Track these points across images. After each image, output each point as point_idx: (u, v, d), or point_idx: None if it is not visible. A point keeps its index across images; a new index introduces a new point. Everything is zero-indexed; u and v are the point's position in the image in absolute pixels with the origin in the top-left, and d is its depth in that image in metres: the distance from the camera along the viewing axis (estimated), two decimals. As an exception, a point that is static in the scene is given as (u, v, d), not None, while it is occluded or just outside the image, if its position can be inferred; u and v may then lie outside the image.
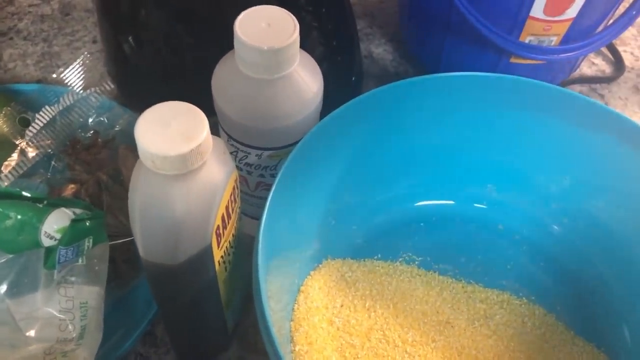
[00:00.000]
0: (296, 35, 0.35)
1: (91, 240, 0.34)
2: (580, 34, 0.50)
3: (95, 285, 0.34)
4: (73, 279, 0.33)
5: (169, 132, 0.28)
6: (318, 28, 0.49)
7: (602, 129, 0.42)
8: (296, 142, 0.38)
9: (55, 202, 0.34)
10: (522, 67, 0.52)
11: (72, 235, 0.33)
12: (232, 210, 0.33)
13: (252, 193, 0.43)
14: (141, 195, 0.29)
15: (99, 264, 0.34)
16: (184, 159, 0.27)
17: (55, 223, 0.33)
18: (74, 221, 0.33)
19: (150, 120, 0.28)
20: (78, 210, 0.34)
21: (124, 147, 0.48)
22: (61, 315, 0.32)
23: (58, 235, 0.33)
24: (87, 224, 0.33)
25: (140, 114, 0.28)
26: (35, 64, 0.58)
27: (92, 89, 0.50)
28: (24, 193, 0.34)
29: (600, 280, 0.44)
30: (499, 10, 0.48)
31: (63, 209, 0.34)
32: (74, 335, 0.32)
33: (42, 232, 0.32)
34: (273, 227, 0.36)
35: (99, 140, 0.49)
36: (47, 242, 0.33)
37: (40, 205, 0.34)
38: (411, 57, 0.61)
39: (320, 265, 0.44)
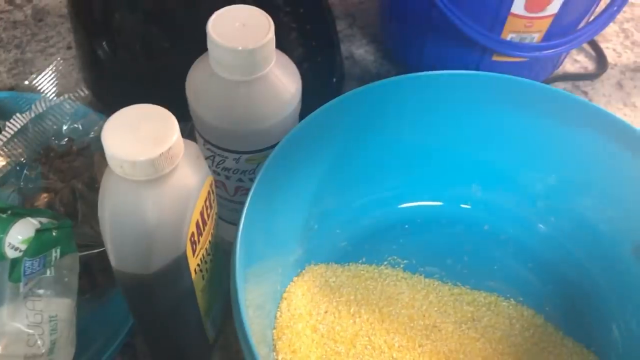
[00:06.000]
0: (271, 35, 0.34)
1: (59, 251, 0.32)
2: (562, 31, 0.50)
3: (65, 297, 0.32)
4: (41, 291, 0.31)
5: (138, 136, 0.27)
6: (296, 29, 0.48)
7: (588, 125, 0.42)
8: (275, 145, 0.37)
9: (20, 211, 0.33)
10: (504, 65, 0.52)
11: (38, 245, 0.31)
12: (208, 216, 0.32)
13: (231, 198, 0.42)
14: (111, 203, 0.28)
15: (69, 275, 0.33)
16: (154, 164, 0.26)
17: (19, 233, 0.31)
18: (39, 231, 0.32)
19: (117, 124, 0.27)
20: (44, 220, 0.33)
21: (100, 154, 0.46)
22: (29, 330, 0.31)
23: (23, 247, 0.31)
24: (54, 233, 0.32)
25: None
26: (7, 72, 0.56)
27: (66, 96, 0.48)
28: (-14, 203, 0.32)
29: (588, 280, 0.44)
30: (479, 8, 0.47)
31: (28, 218, 0.32)
32: (44, 350, 0.31)
33: (6, 244, 0.31)
34: (251, 233, 0.35)
35: (74, 147, 0.47)
36: (11, 254, 0.31)
37: (4, 215, 0.32)
38: (393, 57, 0.60)
39: (303, 271, 0.43)
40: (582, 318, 0.42)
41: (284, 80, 0.36)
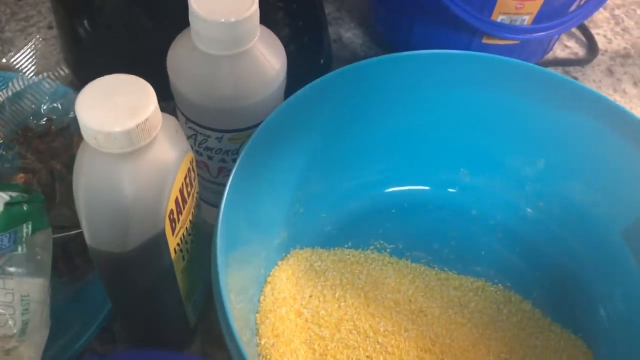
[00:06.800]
0: (255, 7, 0.33)
1: (30, 226, 0.31)
2: (553, 13, 0.49)
3: (38, 276, 0.31)
4: (12, 269, 0.30)
5: (113, 106, 0.25)
6: (283, 8, 0.47)
7: (578, 108, 0.41)
8: (259, 124, 0.36)
9: (-13, 185, 0.32)
10: (494, 48, 0.51)
11: (8, 220, 0.30)
12: (188, 194, 0.31)
13: (213, 180, 0.41)
14: (85, 177, 0.27)
15: (42, 253, 0.32)
16: (130, 135, 0.25)
17: (-13, 208, 0.30)
18: (8, 204, 0.30)
19: (92, 95, 0.26)
20: (14, 194, 0.31)
21: (80, 134, 0.45)
22: (0, 310, 0.30)
23: (-9, 222, 0.30)
24: (25, 207, 0.31)
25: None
26: (-14, 51, 0.55)
27: (45, 74, 0.47)
28: (-48, 177, 0.31)
29: (577, 264, 0.43)
30: (469, -13, 0.46)
31: (-2, 192, 0.31)
32: (15, 331, 0.30)
33: (-27, 219, 0.30)
34: (233, 215, 0.33)
35: (53, 127, 0.46)
36: (-21, 230, 0.30)
37: (-28, 190, 0.31)
38: (381, 41, 0.59)
39: (288, 255, 0.42)
40: (570, 303, 0.42)
41: (268, 56, 0.35)
